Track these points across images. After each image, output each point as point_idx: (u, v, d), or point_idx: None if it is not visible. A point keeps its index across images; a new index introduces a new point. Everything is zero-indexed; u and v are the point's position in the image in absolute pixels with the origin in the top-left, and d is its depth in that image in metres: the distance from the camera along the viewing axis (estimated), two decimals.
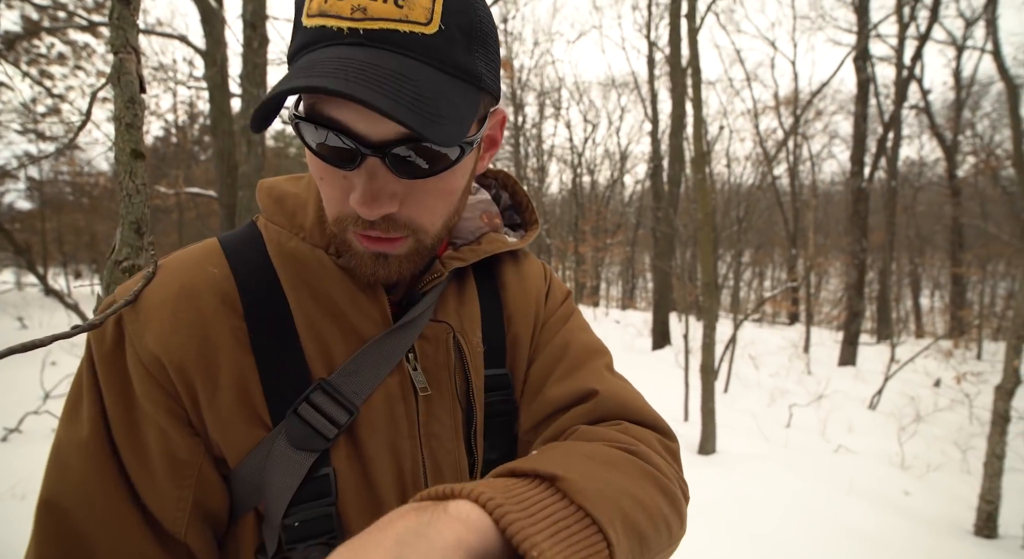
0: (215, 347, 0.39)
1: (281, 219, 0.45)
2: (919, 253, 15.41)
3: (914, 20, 9.55)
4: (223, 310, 0.40)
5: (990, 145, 12.14)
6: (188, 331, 0.39)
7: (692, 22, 4.24)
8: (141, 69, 0.92)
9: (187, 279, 0.41)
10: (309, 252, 0.43)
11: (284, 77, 0.35)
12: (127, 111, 0.94)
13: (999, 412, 2.66)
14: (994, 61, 5.66)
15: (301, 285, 0.42)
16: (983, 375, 6.08)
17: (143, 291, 0.40)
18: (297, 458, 0.39)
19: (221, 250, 0.44)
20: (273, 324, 0.41)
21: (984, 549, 2.52)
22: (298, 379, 0.40)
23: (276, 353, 0.41)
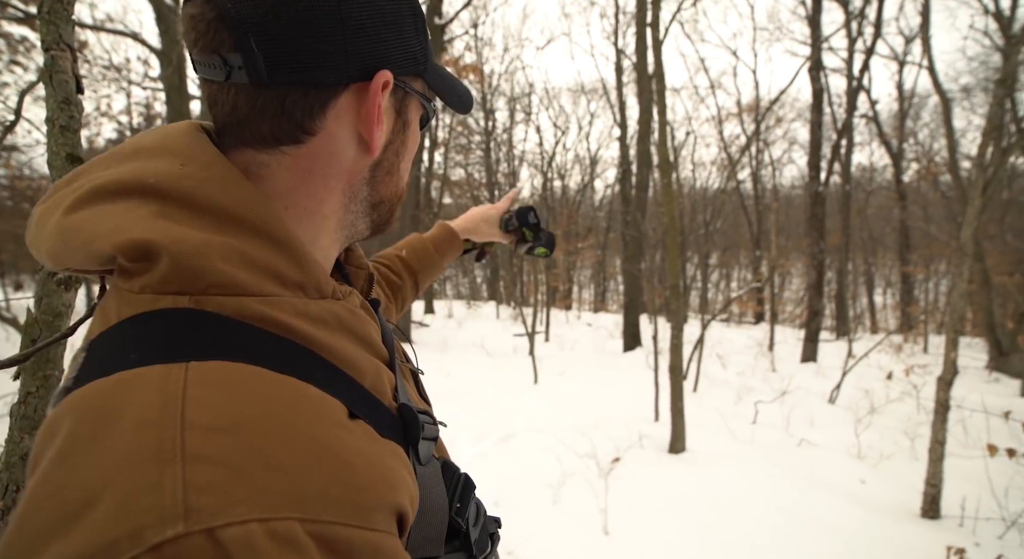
0: (389, 451, 0.34)
1: (271, 287, 0.33)
2: (872, 253, 16.28)
3: (861, 35, 10.16)
4: (352, 424, 0.32)
5: (930, 153, 13.00)
6: (378, 457, 0.32)
7: (656, 32, 4.39)
8: (77, 68, 0.88)
9: (316, 417, 0.29)
10: (330, 307, 0.36)
11: (452, 81, 0.45)
12: (61, 112, 0.89)
13: (940, 401, 2.84)
14: (930, 76, 6.07)
15: (348, 345, 0.36)
16: (928, 367, 6.48)
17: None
18: (431, 469, 0.40)
19: (266, 369, 0.30)
20: (362, 401, 0.35)
21: (928, 530, 2.68)
22: (395, 422, 0.38)
23: (382, 421, 0.36)
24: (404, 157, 0.44)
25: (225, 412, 0.26)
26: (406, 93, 0.42)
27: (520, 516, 2.65)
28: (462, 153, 16.88)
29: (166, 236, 0.30)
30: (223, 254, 0.31)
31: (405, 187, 0.46)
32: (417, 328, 9.66)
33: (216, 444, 0.25)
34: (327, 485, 0.27)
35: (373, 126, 0.38)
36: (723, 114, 13.75)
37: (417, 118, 0.44)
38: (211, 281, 0.30)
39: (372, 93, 0.37)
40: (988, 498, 2.95)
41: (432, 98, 0.45)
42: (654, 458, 3.54)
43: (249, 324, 0.31)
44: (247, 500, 0.24)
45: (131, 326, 0.30)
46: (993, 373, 7.16)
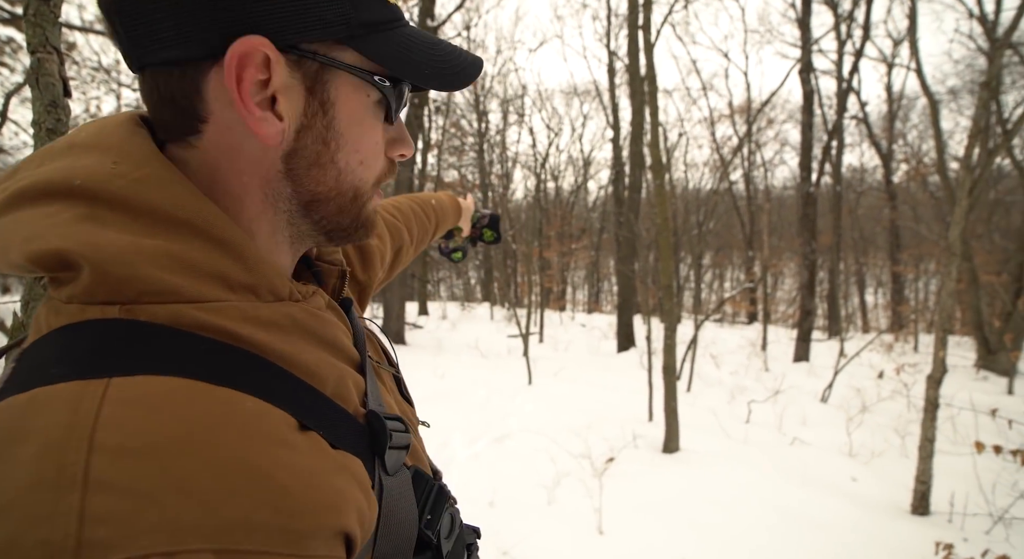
0: (339, 468, 0.32)
1: (214, 291, 0.31)
2: (863, 253, 16.47)
3: (850, 38, 10.29)
4: (300, 437, 0.30)
5: (919, 154, 13.18)
6: (321, 476, 0.29)
7: (648, 34, 4.42)
8: (64, 71, 0.87)
9: (250, 435, 0.27)
10: (286, 310, 0.34)
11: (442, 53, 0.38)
12: (48, 116, 0.88)
13: (929, 399, 2.88)
14: (918, 78, 6.16)
15: (307, 351, 0.34)
16: (918, 366, 6.56)
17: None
18: (400, 479, 0.38)
19: (199, 382, 0.27)
20: (319, 410, 0.32)
21: (918, 526, 2.72)
22: (359, 430, 0.35)
23: (342, 431, 0.34)
24: (340, 147, 0.35)
25: (140, 432, 0.24)
26: (322, 66, 0.34)
27: (515, 516, 2.65)
28: (455, 155, 16.88)
29: (84, 243, 0.27)
30: (154, 259, 0.28)
31: (360, 184, 0.38)
32: (411, 329, 9.63)
33: (123, 468, 0.23)
34: (252, 511, 0.25)
35: (241, 108, 0.32)
36: (715, 115, 13.87)
37: (358, 99, 0.35)
38: (141, 288, 0.28)
39: (227, 67, 0.31)
40: (976, 494, 2.99)
41: (381, 73, 0.36)
42: (648, 458, 3.55)
43: (187, 333, 0.28)
44: (152, 531, 0.22)
45: (56, 338, 0.28)
46: (981, 371, 7.26)
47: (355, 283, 0.61)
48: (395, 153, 0.40)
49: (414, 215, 0.80)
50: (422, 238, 0.83)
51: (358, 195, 0.38)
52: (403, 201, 0.81)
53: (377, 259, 0.66)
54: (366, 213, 0.40)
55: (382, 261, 0.68)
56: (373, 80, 0.35)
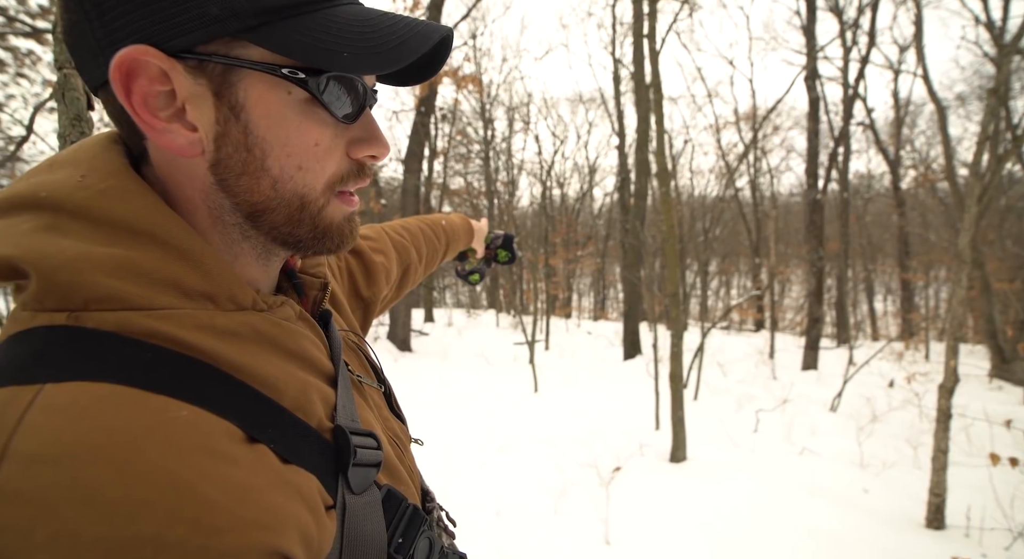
0: (280, 483, 0.30)
1: (167, 298, 0.30)
2: (871, 260, 16.30)
3: (856, 44, 10.28)
4: (241, 448, 0.29)
5: (927, 160, 13.09)
6: (255, 491, 0.28)
7: (653, 43, 4.45)
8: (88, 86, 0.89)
9: (177, 445, 0.26)
10: (246, 319, 0.33)
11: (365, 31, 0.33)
12: (73, 129, 0.91)
13: (942, 409, 2.83)
14: (924, 84, 6.13)
15: (267, 361, 0.33)
16: (930, 375, 6.46)
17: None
18: (368, 499, 0.36)
19: (135, 389, 0.27)
20: (273, 423, 0.32)
21: (933, 540, 2.65)
22: (322, 446, 0.34)
23: (298, 445, 0.32)
24: (268, 153, 0.33)
25: (57, 440, 0.23)
26: (226, 68, 0.31)
27: (521, 526, 2.63)
28: (461, 162, 17.00)
29: (33, 251, 0.28)
30: (104, 267, 0.28)
31: (304, 190, 0.35)
32: (417, 337, 9.64)
33: (30, 477, 0.22)
34: (166, 526, 0.23)
35: (142, 123, 0.31)
36: (720, 123, 13.87)
37: (275, 98, 0.32)
38: (89, 296, 0.28)
39: (112, 83, 0.30)
40: (993, 508, 2.92)
41: (293, 65, 0.32)
42: (655, 467, 3.51)
43: (133, 339, 0.28)
44: (48, 545, 0.21)
45: (6, 345, 0.28)
46: (996, 381, 7.13)
47: (359, 299, 0.61)
48: (361, 154, 0.37)
49: (423, 235, 0.80)
50: (432, 258, 0.82)
51: (305, 203, 0.35)
52: (412, 222, 0.81)
53: (382, 276, 0.64)
54: (325, 221, 0.36)
55: (387, 278, 0.66)
56: (281, 74, 0.32)
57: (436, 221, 0.87)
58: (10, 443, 0.23)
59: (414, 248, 0.76)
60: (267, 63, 0.32)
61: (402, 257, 0.72)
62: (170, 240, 0.31)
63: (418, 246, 0.78)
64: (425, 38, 0.34)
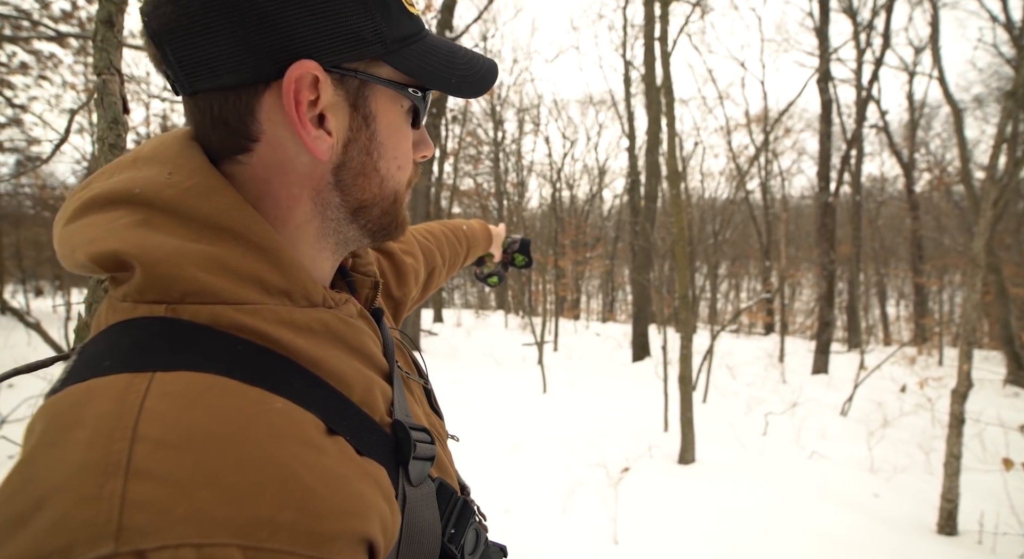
0: (363, 473, 0.32)
1: (251, 294, 0.32)
2: (884, 264, 16.09)
3: (870, 46, 10.17)
4: (328, 441, 0.31)
5: (942, 163, 12.90)
6: (345, 480, 0.30)
7: (664, 45, 4.46)
8: (124, 90, 0.95)
9: (278, 434, 0.28)
10: (319, 316, 0.35)
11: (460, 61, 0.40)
12: (110, 132, 0.96)
13: (955, 415, 2.81)
14: (940, 86, 6.06)
15: (338, 357, 0.35)
16: (943, 380, 6.37)
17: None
18: (424, 491, 0.38)
19: (233, 380, 0.29)
20: (346, 416, 0.33)
21: (945, 546, 2.64)
22: (385, 439, 0.36)
23: (368, 438, 0.34)
24: (382, 155, 0.38)
25: (177, 426, 0.25)
26: (362, 82, 0.36)
27: (530, 524, 2.66)
28: (471, 163, 17.06)
29: (137, 246, 0.30)
30: (199, 262, 0.30)
31: (398, 188, 0.40)
32: (426, 337, 9.70)
33: (162, 459, 0.24)
34: (278, 509, 0.25)
35: (299, 128, 0.34)
36: (731, 125, 13.81)
37: (394, 109, 0.38)
38: (185, 289, 0.30)
39: (285, 91, 0.33)
40: (1007, 514, 2.89)
41: (414, 84, 0.38)
42: (663, 468, 3.52)
43: (225, 333, 0.30)
44: (185, 521, 0.23)
45: (110, 334, 0.30)
46: (1011, 387, 7.01)
47: (390, 299, 0.62)
48: (418, 155, 0.43)
49: (446, 239, 0.83)
50: (454, 262, 0.85)
51: (397, 198, 0.41)
52: (435, 226, 0.84)
53: (412, 277, 0.66)
54: (403, 213, 0.43)
55: (416, 279, 0.68)
56: (407, 92, 0.38)
57: (458, 226, 0.90)
58: (137, 427, 0.24)
59: (439, 251, 0.79)
60: (395, 81, 0.37)
61: (428, 260, 0.74)
62: (251, 237, 0.33)
63: (442, 250, 0.80)
64: (494, 73, 0.43)
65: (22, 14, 5.63)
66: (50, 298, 15.49)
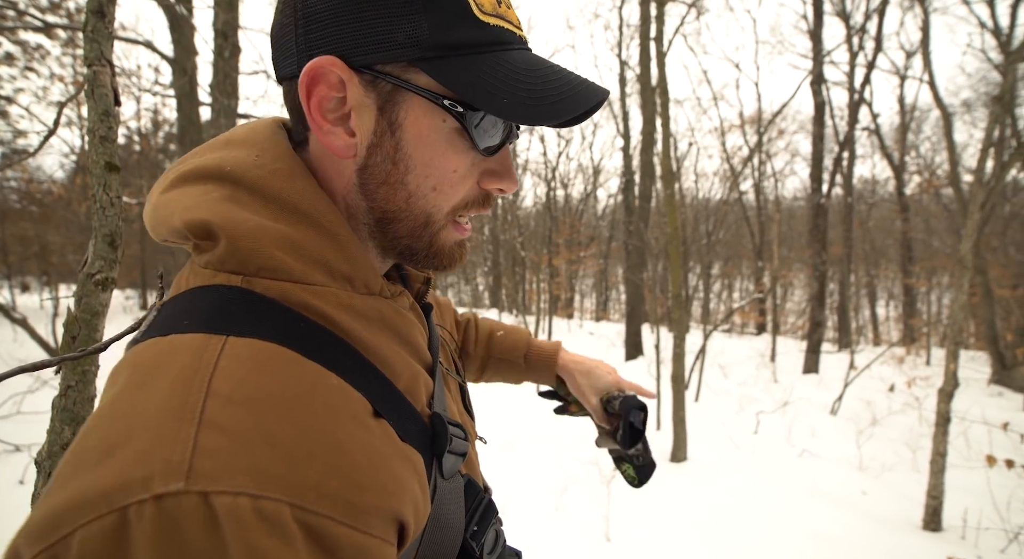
0: (403, 457, 0.33)
1: (319, 276, 0.34)
2: (874, 265, 16.27)
3: (862, 49, 10.27)
4: (374, 422, 0.32)
5: (932, 166, 13.06)
6: (388, 461, 0.31)
7: (660, 45, 4.48)
8: (115, 82, 0.94)
9: (332, 408, 0.30)
10: (375, 304, 0.37)
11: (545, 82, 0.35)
12: (101, 124, 0.95)
13: (941, 413, 2.86)
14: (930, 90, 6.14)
15: (389, 344, 0.36)
16: (931, 379, 6.47)
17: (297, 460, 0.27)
18: (454, 484, 0.39)
19: (296, 353, 0.30)
20: (392, 401, 0.35)
21: (930, 541, 2.69)
22: (424, 429, 0.37)
23: (409, 425, 0.36)
24: (410, 169, 0.36)
25: (245, 386, 0.27)
26: (395, 88, 0.34)
27: (523, 521, 2.67)
28: None
29: (225, 218, 0.32)
30: (276, 240, 0.32)
31: (431, 210, 0.37)
32: None
33: (230, 414, 0.26)
34: (325, 477, 0.27)
35: (311, 121, 0.35)
36: (726, 126, 13.87)
37: (428, 122, 0.35)
38: (261, 264, 0.32)
39: (299, 85, 0.34)
40: (990, 510, 2.95)
41: (453, 97, 0.34)
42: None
43: (291, 310, 0.32)
44: (244, 472, 0.25)
45: (191, 296, 0.33)
46: (996, 387, 7.14)
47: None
48: (491, 186, 0.39)
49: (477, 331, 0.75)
50: (483, 365, 0.74)
51: (430, 221, 0.37)
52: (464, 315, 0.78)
53: (450, 315, 0.66)
54: (440, 241, 0.39)
55: (455, 324, 0.68)
56: (442, 104, 0.34)
57: (490, 329, 0.73)
58: (212, 383, 0.27)
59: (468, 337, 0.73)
60: (431, 91, 0.34)
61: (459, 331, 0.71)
62: (324, 223, 0.35)
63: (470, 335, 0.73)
64: (583, 100, 0.35)
65: (7, 3, 5.52)
66: (37, 294, 15.26)
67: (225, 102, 3.92)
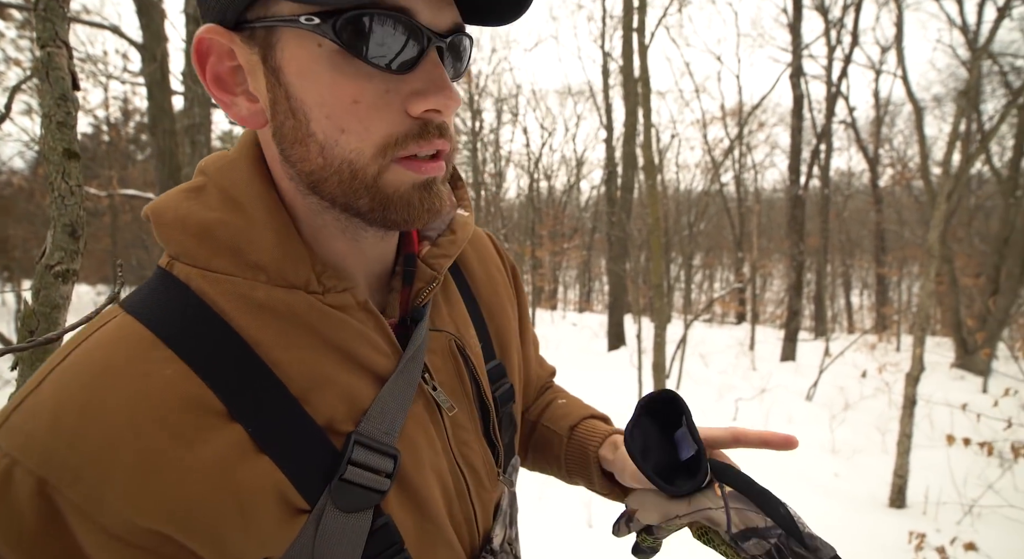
0: (217, 472, 0.29)
1: (222, 262, 0.32)
2: (850, 255, 16.73)
3: (840, 43, 10.46)
4: (204, 424, 0.29)
5: (904, 159, 13.45)
6: (174, 474, 0.28)
7: (642, 37, 4.48)
8: (72, 64, 0.90)
9: (136, 400, 0.28)
10: (287, 298, 0.32)
11: None
12: (58, 108, 0.91)
13: (908, 396, 2.98)
14: (903, 85, 6.29)
15: (288, 343, 0.32)
16: (900, 365, 6.72)
17: (62, 426, 0.27)
18: (354, 522, 0.33)
19: (155, 336, 0.30)
20: (271, 407, 0.31)
21: (894, 518, 2.82)
22: (321, 446, 0.32)
23: (287, 436, 0.31)
24: (309, 115, 0.30)
25: (79, 359, 0.30)
26: (267, 30, 0.30)
27: None
28: None
29: (157, 209, 0.34)
30: (190, 227, 0.32)
31: (351, 156, 0.31)
32: None
33: (50, 380, 0.29)
34: (84, 463, 0.27)
35: (216, 99, 0.33)
36: (707, 118, 14.00)
37: (303, 54, 0.30)
38: (177, 250, 0.33)
39: (194, 62, 0.32)
40: (949, 486, 3.11)
41: (315, 10, 0.29)
42: None
43: (190, 294, 0.32)
44: (19, 435, 0.28)
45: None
46: (959, 371, 7.46)
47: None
48: (419, 109, 0.31)
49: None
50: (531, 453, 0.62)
51: (355, 170, 0.31)
52: None
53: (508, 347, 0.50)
54: (385, 191, 0.32)
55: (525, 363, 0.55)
56: (300, 23, 0.28)
57: (554, 396, 0.63)
58: (73, 351, 0.30)
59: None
60: (293, 15, 0.29)
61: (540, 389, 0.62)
62: (248, 208, 0.33)
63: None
64: None
65: None
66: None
67: (198, 91, 3.80)
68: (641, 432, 0.46)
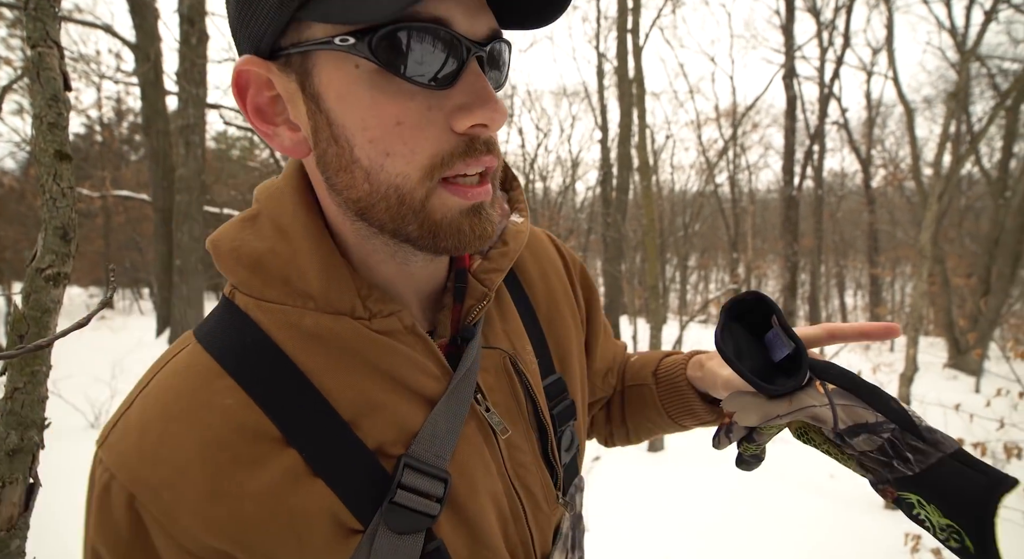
0: (275, 495, 0.31)
1: (274, 292, 0.33)
2: (843, 256, 16.85)
3: (832, 45, 10.55)
4: (262, 451, 0.31)
5: (896, 160, 13.57)
6: (236, 498, 0.30)
7: (636, 38, 4.50)
8: (64, 65, 0.89)
9: (202, 429, 0.31)
10: (333, 325, 0.33)
11: None
12: (49, 110, 0.90)
13: (901, 397, 3.00)
14: (894, 86, 6.35)
15: (337, 369, 0.33)
16: (894, 365, 6.77)
17: (140, 449, 0.31)
18: (406, 543, 0.33)
19: (220, 367, 0.32)
20: (324, 432, 0.32)
21: (889, 519, 2.83)
22: (372, 469, 0.33)
23: (339, 460, 0.32)
24: (353, 140, 0.29)
25: (158, 386, 0.33)
26: (302, 55, 0.29)
27: None
28: None
29: (215, 241, 0.36)
30: (243, 258, 0.34)
31: (397, 181, 0.30)
32: None
33: (138, 404, 0.33)
34: (162, 485, 0.31)
35: (259, 130, 0.33)
36: (701, 119, 14.06)
37: (340, 76, 0.29)
38: (235, 280, 0.35)
39: (234, 95, 0.32)
40: None
41: (346, 31, 0.28)
42: (633, 456, 3.62)
43: (250, 322, 0.34)
44: (117, 453, 0.32)
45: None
46: (951, 371, 7.52)
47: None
48: (465, 124, 0.29)
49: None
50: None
51: (403, 196, 0.30)
52: None
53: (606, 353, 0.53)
54: (432, 217, 0.31)
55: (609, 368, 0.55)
56: (335, 45, 0.28)
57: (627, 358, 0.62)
58: (156, 375, 0.34)
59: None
60: (328, 38, 0.28)
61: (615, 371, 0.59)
62: (295, 237, 0.34)
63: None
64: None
65: None
66: None
67: (193, 91, 3.78)
68: (731, 335, 0.43)
